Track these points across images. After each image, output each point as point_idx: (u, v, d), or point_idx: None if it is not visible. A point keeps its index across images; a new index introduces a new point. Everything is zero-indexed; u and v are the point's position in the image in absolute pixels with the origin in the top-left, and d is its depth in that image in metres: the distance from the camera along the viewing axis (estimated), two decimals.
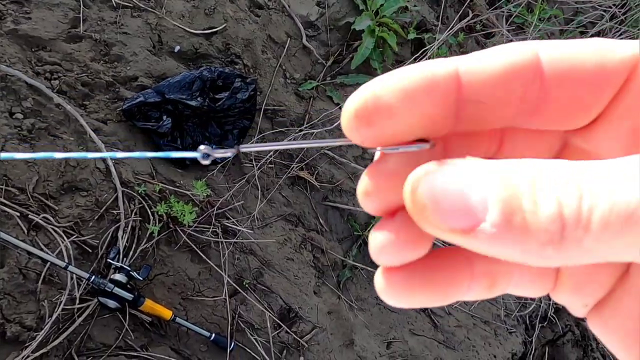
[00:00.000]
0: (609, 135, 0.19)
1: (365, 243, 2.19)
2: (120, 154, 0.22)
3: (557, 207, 0.15)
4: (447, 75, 0.18)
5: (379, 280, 0.20)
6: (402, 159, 0.20)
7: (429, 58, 2.35)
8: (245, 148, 0.20)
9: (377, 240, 0.20)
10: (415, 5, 2.43)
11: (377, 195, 0.20)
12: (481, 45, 2.74)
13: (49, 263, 1.47)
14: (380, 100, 0.18)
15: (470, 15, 2.60)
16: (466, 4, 2.61)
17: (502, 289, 0.21)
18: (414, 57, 2.38)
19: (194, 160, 1.89)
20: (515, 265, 0.20)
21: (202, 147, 0.20)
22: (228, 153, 0.21)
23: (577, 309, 0.21)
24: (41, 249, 1.46)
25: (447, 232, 0.17)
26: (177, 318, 1.58)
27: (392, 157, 0.20)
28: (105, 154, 0.22)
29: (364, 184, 0.20)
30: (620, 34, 2.83)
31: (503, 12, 2.73)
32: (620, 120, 0.19)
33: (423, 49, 2.36)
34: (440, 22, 2.52)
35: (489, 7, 2.75)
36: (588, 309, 0.21)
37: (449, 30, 2.45)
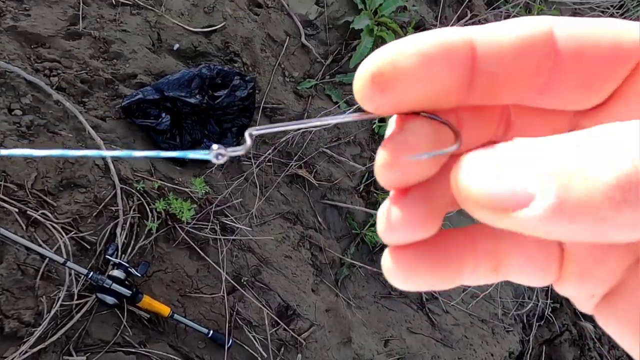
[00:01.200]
0: (619, 118, 0.18)
1: (363, 241, 2.20)
2: (137, 153, 0.22)
3: (616, 173, 0.13)
4: (462, 43, 0.18)
5: (387, 261, 0.20)
6: (422, 131, 0.19)
7: None
8: (257, 131, 0.20)
9: (389, 216, 0.19)
10: (414, 5, 2.44)
11: (397, 168, 0.19)
12: None
13: (47, 259, 1.47)
14: (397, 64, 0.18)
15: (469, 16, 2.61)
16: (465, 4, 2.62)
17: (506, 273, 0.20)
18: None
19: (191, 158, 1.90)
20: (516, 247, 0.20)
21: (215, 146, 0.20)
22: (240, 151, 0.20)
23: (583, 300, 0.20)
24: (40, 245, 1.46)
25: (494, 212, 0.16)
26: (175, 315, 1.59)
27: (411, 129, 0.19)
28: (121, 153, 0.22)
29: (382, 156, 0.19)
30: None
31: (501, 12, 2.74)
32: (632, 102, 0.18)
33: None
34: (438, 22, 2.53)
35: (487, 7, 2.76)
36: (596, 300, 0.19)
37: None
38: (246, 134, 0.20)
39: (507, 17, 2.75)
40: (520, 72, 0.18)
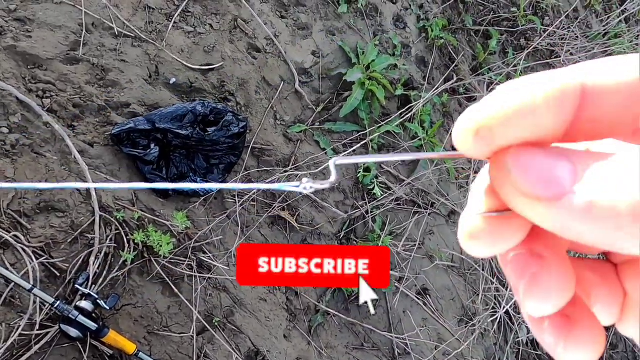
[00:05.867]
0: None
1: (340, 289, 2.18)
2: (168, 185, 0.22)
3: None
4: (574, 90, 0.17)
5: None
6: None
7: (414, 114, 2.47)
8: (340, 160, 0.21)
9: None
10: (404, 64, 2.57)
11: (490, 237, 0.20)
12: (463, 107, 2.89)
13: (12, 284, 1.40)
14: (503, 119, 0.18)
15: (455, 79, 2.76)
16: (451, 68, 2.78)
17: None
18: (399, 112, 2.48)
19: (176, 191, 1.86)
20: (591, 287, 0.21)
21: (304, 179, 0.21)
22: (327, 185, 0.21)
23: None
24: (6, 269, 1.40)
25: (532, 198, 0.17)
26: (141, 353, 1.51)
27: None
28: (172, 185, 0.22)
29: (470, 225, 0.20)
30: None
31: (484, 79, 2.90)
32: None
33: (409, 105, 2.47)
34: (426, 82, 2.66)
35: (472, 73, 2.92)
36: None
37: (434, 90, 2.58)
38: (330, 163, 0.21)
39: (490, 84, 2.92)
40: (624, 117, 0.18)
